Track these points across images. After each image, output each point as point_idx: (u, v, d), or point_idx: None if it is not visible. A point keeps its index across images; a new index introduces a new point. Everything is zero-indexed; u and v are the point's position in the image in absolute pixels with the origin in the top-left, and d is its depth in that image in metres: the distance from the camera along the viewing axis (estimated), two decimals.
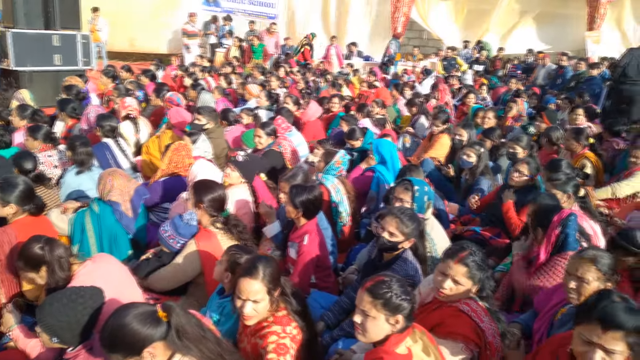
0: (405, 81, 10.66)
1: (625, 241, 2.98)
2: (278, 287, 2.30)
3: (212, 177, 3.74)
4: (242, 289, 2.20)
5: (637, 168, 4.78)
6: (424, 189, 3.40)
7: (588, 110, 7.16)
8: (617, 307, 1.84)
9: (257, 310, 2.22)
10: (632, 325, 1.79)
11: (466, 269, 2.27)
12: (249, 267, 2.24)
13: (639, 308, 1.87)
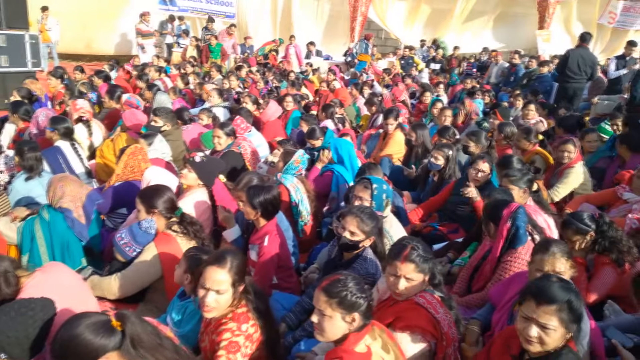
0: (365, 80, 10.75)
1: (576, 219, 3.18)
2: (242, 282, 2.31)
3: (166, 182, 3.65)
4: (208, 276, 2.20)
5: (567, 166, 4.85)
6: (382, 187, 3.44)
7: (546, 106, 7.45)
8: (550, 284, 1.98)
9: (219, 302, 2.21)
10: (562, 299, 1.91)
11: (413, 265, 2.30)
12: (218, 256, 2.26)
13: (572, 286, 2.00)
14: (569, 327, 1.93)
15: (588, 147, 5.52)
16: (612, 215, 4.17)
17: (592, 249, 3.24)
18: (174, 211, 3.22)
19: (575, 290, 1.98)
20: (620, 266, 3.16)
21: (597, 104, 7.92)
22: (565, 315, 1.91)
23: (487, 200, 3.50)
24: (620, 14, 15.01)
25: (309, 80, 11.28)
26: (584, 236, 3.17)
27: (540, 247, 2.55)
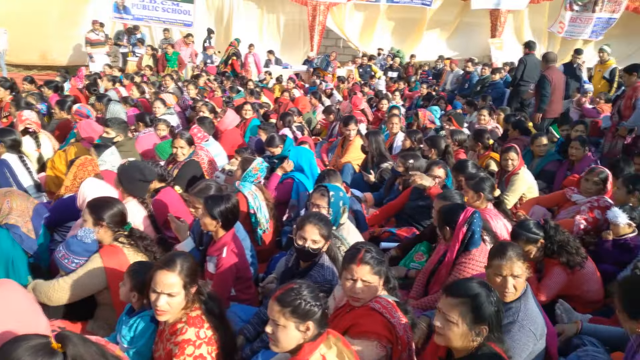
0: (323, 89, 10.82)
1: (524, 230, 3.27)
2: (195, 284, 2.31)
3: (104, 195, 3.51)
4: (159, 280, 2.22)
5: (512, 173, 4.98)
6: (339, 194, 3.45)
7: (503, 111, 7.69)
8: (465, 281, 2.19)
9: (171, 305, 2.23)
10: (466, 294, 2.06)
11: (368, 267, 2.32)
12: (167, 260, 2.28)
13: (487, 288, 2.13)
14: (472, 327, 1.99)
15: (538, 151, 5.71)
16: (562, 217, 4.33)
17: (542, 253, 3.34)
18: (122, 225, 3.12)
19: (489, 293, 2.04)
20: (570, 267, 3.27)
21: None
22: (466, 310, 1.99)
23: (443, 204, 3.55)
24: (568, 24, 15.66)
25: (268, 88, 11.25)
26: (535, 244, 3.28)
27: (496, 251, 2.61)
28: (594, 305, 3.41)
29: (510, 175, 5.01)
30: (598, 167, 4.34)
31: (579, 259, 3.28)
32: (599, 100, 7.30)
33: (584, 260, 3.31)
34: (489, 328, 2.00)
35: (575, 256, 3.26)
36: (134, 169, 3.83)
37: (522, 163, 5.11)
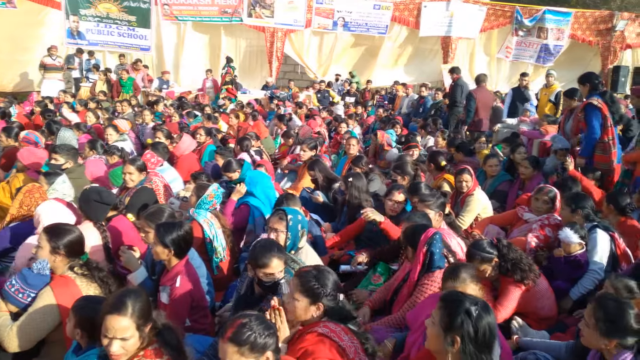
0: (282, 113, 10.87)
1: (478, 250, 3.34)
2: (149, 322, 2.21)
3: (62, 219, 3.38)
4: (109, 326, 2.09)
5: (466, 194, 5.10)
6: (297, 217, 3.43)
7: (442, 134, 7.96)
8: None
9: (126, 348, 2.11)
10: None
11: (237, 348, 1.93)
12: (116, 303, 2.13)
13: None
14: (446, 333, 2.04)
15: (490, 171, 5.88)
16: (515, 235, 4.44)
17: (497, 271, 3.41)
18: (79, 255, 2.98)
19: (475, 309, 2.05)
20: (524, 284, 3.33)
21: (498, 131, 8.52)
22: (443, 314, 2.08)
23: (407, 225, 3.59)
24: (515, 47, 16.45)
25: (226, 113, 11.20)
26: (490, 263, 3.35)
27: (450, 274, 2.64)
28: (548, 322, 3.47)
29: (465, 197, 5.12)
30: (546, 187, 4.49)
31: (532, 276, 3.35)
32: (543, 122, 7.69)
33: (537, 277, 3.39)
34: (463, 343, 2.00)
35: (529, 273, 3.33)
36: (92, 192, 3.76)
37: (477, 184, 5.24)
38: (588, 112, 5.46)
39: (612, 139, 5.37)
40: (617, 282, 3.00)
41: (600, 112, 5.38)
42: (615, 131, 5.42)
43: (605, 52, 16.09)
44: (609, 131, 5.36)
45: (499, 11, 16.14)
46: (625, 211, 4.28)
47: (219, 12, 15.35)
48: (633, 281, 3.01)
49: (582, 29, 16.20)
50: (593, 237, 3.83)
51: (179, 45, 15.66)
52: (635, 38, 16.10)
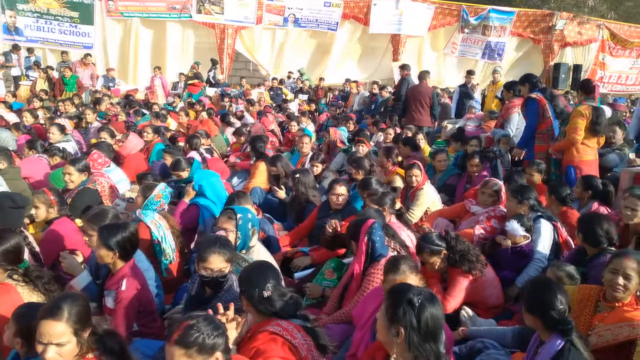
0: (234, 111, 10.74)
1: (427, 243, 3.42)
2: (87, 327, 2.11)
3: None
4: (43, 331, 1.99)
5: (416, 188, 5.20)
6: (247, 216, 3.38)
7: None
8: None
9: (62, 355, 2.01)
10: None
11: (184, 350, 1.89)
12: (52, 307, 2.04)
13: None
14: (390, 324, 2.07)
15: (439, 166, 6.02)
16: (463, 227, 4.56)
17: (446, 263, 3.49)
18: (17, 263, 2.82)
19: (418, 300, 2.06)
20: (472, 275, 3.42)
21: (446, 127, 8.73)
22: (388, 305, 2.09)
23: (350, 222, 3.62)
24: (461, 44, 16.92)
25: (175, 112, 10.95)
26: (439, 255, 3.42)
27: (390, 267, 2.69)
28: (495, 310, 3.58)
29: (416, 191, 5.22)
30: (491, 180, 4.63)
31: (480, 266, 3.44)
32: (487, 118, 7.96)
33: (484, 267, 3.49)
34: (407, 333, 2.01)
35: (476, 264, 3.42)
36: (4, 198, 3.57)
37: (426, 178, 5.35)
38: (527, 106, 5.80)
39: (550, 129, 5.63)
40: (559, 271, 3.15)
41: (538, 104, 5.66)
42: (555, 124, 5.66)
43: (546, 50, 16.80)
44: (547, 122, 5.63)
45: (446, 10, 16.54)
46: (566, 201, 4.48)
47: (167, 8, 14.96)
48: (573, 268, 3.16)
49: (524, 28, 16.86)
50: (537, 227, 3.98)
51: (125, 42, 15.15)
52: (574, 36, 16.88)
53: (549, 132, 5.66)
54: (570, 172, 5.21)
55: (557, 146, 5.36)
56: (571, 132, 5.14)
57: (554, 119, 5.65)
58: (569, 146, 5.22)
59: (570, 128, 5.16)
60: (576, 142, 5.15)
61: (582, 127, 5.10)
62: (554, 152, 5.42)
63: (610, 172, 5.60)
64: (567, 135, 5.19)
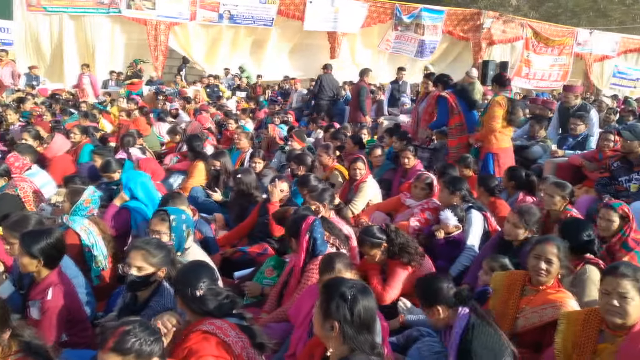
0: (168, 109, 10.44)
1: (368, 235, 3.51)
2: (6, 328, 2.04)
3: None
4: None
5: (360, 181, 5.31)
6: (181, 217, 3.30)
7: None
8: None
9: None
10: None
11: (120, 357, 1.84)
12: None
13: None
14: (325, 320, 2.09)
15: (375, 161, 6.14)
16: (399, 220, 4.67)
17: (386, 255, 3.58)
18: None
19: (351, 293, 2.09)
20: (411, 266, 3.53)
21: (382, 123, 8.92)
22: (322, 300, 2.13)
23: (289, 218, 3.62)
24: (394, 41, 17.30)
25: (106, 111, 10.49)
26: (379, 248, 3.51)
27: (325, 266, 2.74)
28: None
29: (359, 183, 5.34)
30: (424, 174, 4.80)
31: (418, 258, 3.55)
32: None
33: (422, 259, 3.60)
34: (341, 327, 2.02)
35: (415, 256, 3.53)
36: None
37: (369, 172, 5.50)
38: (438, 102, 6.33)
39: (460, 124, 6.07)
40: (493, 263, 3.35)
41: (447, 101, 6.11)
42: (465, 117, 6.05)
43: (475, 48, 17.51)
44: (456, 118, 6.07)
45: (380, 8, 16.85)
46: (494, 192, 4.70)
47: (95, 3, 14.20)
48: (507, 259, 3.35)
49: (454, 26, 17.49)
50: (469, 218, 4.18)
51: (50, 38, 14.30)
52: (500, 35, 17.70)
53: (457, 127, 6.07)
54: (489, 159, 5.52)
55: (477, 136, 5.67)
56: (490, 121, 5.45)
57: (465, 112, 6.02)
58: (488, 134, 5.51)
59: (489, 117, 5.47)
60: (495, 130, 5.48)
61: (500, 115, 5.43)
62: (475, 141, 5.70)
63: (534, 163, 5.93)
64: (486, 124, 5.48)
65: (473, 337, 2.42)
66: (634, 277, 2.37)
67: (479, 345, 2.39)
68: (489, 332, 2.45)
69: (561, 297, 2.81)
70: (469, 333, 2.44)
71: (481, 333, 2.43)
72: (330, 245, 3.54)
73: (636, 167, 4.80)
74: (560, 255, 2.83)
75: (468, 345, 2.41)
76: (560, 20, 21.99)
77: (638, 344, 2.28)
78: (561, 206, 3.99)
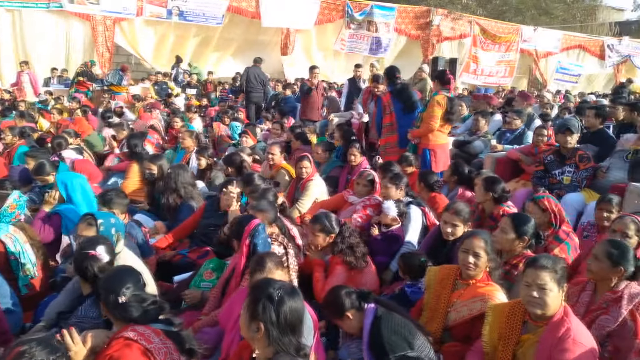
0: (113, 108, 10.14)
1: (325, 218, 3.60)
2: None
3: None
4: None
5: (306, 179, 5.30)
6: (110, 221, 3.19)
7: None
8: None
9: None
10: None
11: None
12: None
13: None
14: (251, 320, 2.07)
15: (317, 158, 6.16)
16: (342, 217, 4.66)
17: (331, 250, 3.60)
18: None
19: (277, 295, 2.07)
20: (351, 268, 3.54)
21: (332, 121, 8.90)
22: (248, 301, 2.11)
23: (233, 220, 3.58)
24: (348, 40, 17.38)
25: (47, 110, 10.05)
26: (327, 235, 3.55)
27: (256, 266, 2.73)
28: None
29: (306, 182, 5.32)
30: (366, 171, 4.84)
31: (362, 264, 3.58)
32: None
33: (365, 266, 3.62)
34: (266, 328, 2.01)
35: (360, 261, 3.57)
36: None
37: (316, 170, 5.50)
38: (376, 103, 6.51)
39: (389, 124, 6.22)
40: (409, 260, 3.47)
41: (382, 101, 6.30)
42: (396, 117, 6.19)
43: (425, 45, 17.83)
44: (387, 118, 6.22)
45: (331, 5, 16.87)
46: (434, 188, 4.79)
47: None
48: (424, 255, 3.47)
49: (406, 23, 17.74)
50: (408, 213, 4.23)
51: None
52: (449, 32, 18.09)
53: (387, 126, 6.23)
54: (426, 154, 5.65)
55: (416, 132, 5.77)
56: (429, 120, 5.56)
57: (398, 112, 6.16)
58: (426, 132, 5.62)
59: (428, 116, 5.57)
60: (433, 130, 5.59)
61: (438, 115, 5.53)
62: (413, 138, 5.80)
63: (475, 158, 6.08)
64: (425, 122, 5.59)
65: (381, 327, 2.52)
66: (553, 269, 2.45)
67: (388, 333, 2.50)
68: (396, 319, 2.57)
69: (489, 291, 2.88)
70: (376, 324, 2.54)
71: (388, 321, 2.55)
72: (278, 244, 3.52)
73: (568, 160, 5.00)
74: (487, 248, 2.90)
75: (378, 337, 2.51)
76: (506, 18, 22.72)
77: (556, 333, 2.37)
78: (485, 200, 4.10)
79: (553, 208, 3.65)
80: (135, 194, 5.31)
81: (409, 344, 2.51)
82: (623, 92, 12.53)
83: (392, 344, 2.48)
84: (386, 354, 2.48)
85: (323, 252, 3.75)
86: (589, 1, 28.72)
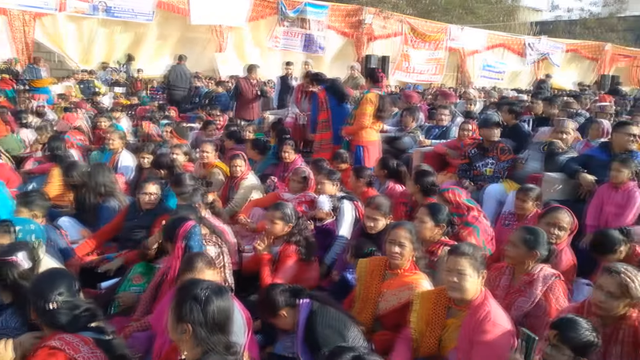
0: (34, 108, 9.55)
1: (284, 207, 3.75)
2: None
3: None
4: None
5: (240, 178, 5.33)
6: (29, 227, 3.04)
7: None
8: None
9: None
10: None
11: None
12: None
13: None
14: (177, 322, 2.06)
15: (251, 155, 6.14)
16: None
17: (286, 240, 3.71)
18: None
19: (204, 296, 2.06)
20: (302, 260, 3.67)
21: (267, 118, 8.89)
22: (174, 303, 2.10)
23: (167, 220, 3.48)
24: (282, 37, 17.33)
25: None
26: (286, 224, 3.66)
27: (185, 265, 2.73)
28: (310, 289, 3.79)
29: (239, 181, 5.33)
30: (299, 168, 4.91)
31: (311, 259, 3.76)
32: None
33: (313, 262, 3.80)
34: (193, 329, 1.99)
35: (310, 255, 3.73)
36: None
37: (249, 169, 5.51)
38: (312, 99, 6.66)
39: (325, 120, 6.29)
40: (362, 246, 3.56)
41: (317, 97, 6.43)
42: (332, 113, 6.27)
43: (357, 43, 18.12)
44: (323, 114, 6.32)
45: (264, 1, 16.75)
46: (368, 183, 4.89)
47: None
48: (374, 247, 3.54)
49: (339, 21, 17.95)
50: (341, 208, 4.34)
51: None
52: (380, 30, 18.49)
53: (322, 122, 6.31)
54: (359, 151, 5.81)
55: (348, 130, 5.91)
56: (360, 117, 5.72)
57: (334, 108, 6.25)
58: (358, 130, 5.77)
59: (360, 114, 5.73)
60: (365, 127, 5.77)
61: (369, 113, 5.70)
62: (346, 134, 5.94)
63: (404, 153, 6.28)
64: (357, 120, 5.73)
65: (316, 321, 2.59)
66: (472, 255, 2.61)
67: (322, 327, 2.58)
68: (330, 312, 2.65)
69: (416, 279, 3.01)
70: (311, 319, 2.61)
71: (322, 315, 2.62)
72: (213, 244, 3.48)
73: (490, 153, 5.27)
74: (412, 238, 3.03)
75: (313, 331, 2.58)
76: (435, 17, 23.53)
77: (476, 316, 2.52)
78: (415, 191, 4.31)
79: (457, 199, 3.87)
80: (58, 199, 5.03)
81: (342, 337, 2.58)
82: (544, 87, 13.40)
83: (326, 337, 2.55)
84: (320, 348, 2.53)
85: (273, 244, 3.80)
86: (510, 2, 30.37)
